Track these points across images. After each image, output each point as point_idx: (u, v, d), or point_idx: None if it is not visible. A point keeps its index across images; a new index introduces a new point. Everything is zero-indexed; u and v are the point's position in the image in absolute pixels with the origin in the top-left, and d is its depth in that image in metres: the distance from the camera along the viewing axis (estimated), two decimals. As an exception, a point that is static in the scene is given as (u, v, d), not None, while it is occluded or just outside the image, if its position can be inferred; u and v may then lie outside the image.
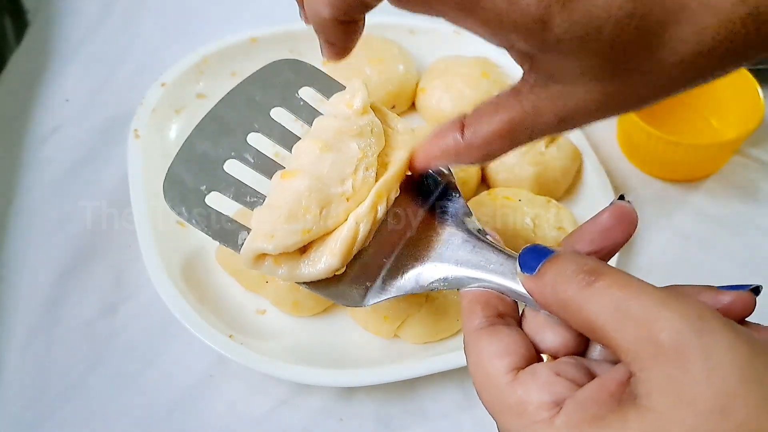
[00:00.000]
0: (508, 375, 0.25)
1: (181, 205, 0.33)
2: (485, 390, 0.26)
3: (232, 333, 0.42)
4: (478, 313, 0.28)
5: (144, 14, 0.65)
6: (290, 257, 0.32)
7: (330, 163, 0.33)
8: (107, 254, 0.49)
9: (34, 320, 0.46)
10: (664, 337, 0.22)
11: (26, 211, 0.51)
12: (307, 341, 0.44)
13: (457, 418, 0.43)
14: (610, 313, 0.23)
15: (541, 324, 0.27)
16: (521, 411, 0.24)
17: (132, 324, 0.46)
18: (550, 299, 0.25)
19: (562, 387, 0.24)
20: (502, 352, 0.26)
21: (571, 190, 0.53)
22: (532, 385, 0.24)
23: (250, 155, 0.35)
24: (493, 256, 0.30)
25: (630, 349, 0.22)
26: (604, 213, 0.28)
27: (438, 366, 0.42)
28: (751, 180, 0.55)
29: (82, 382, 0.43)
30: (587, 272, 0.24)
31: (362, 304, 0.32)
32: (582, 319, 0.24)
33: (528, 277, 0.26)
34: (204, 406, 0.43)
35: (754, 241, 0.51)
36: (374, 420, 0.42)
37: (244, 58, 0.55)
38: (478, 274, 0.29)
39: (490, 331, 0.27)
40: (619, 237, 0.28)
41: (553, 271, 0.25)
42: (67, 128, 0.56)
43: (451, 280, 0.30)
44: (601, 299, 0.23)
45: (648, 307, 0.22)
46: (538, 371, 0.25)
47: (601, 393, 0.23)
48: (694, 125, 0.57)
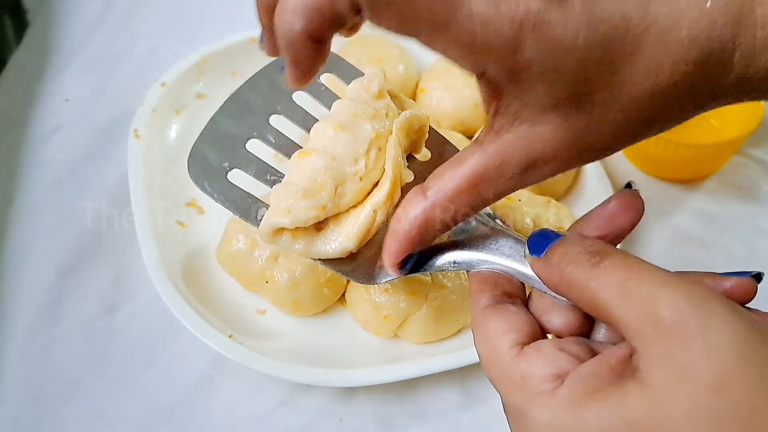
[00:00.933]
0: (513, 350, 0.26)
1: (204, 180, 0.34)
2: (491, 364, 0.26)
3: (232, 333, 0.42)
4: (486, 292, 0.28)
5: (144, 14, 0.65)
6: (307, 233, 0.33)
7: (344, 142, 0.34)
8: (107, 254, 0.49)
9: (34, 320, 0.46)
10: (665, 314, 0.22)
11: (26, 211, 0.51)
12: (307, 341, 0.44)
13: (457, 418, 0.43)
14: (614, 291, 0.23)
15: (547, 305, 0.28)
16: (524, 383, 0.25)
17: (132, 324, 0.46)
18: (557, 279, 0.26)
19: (564, 361, 0.25)
20: (508, 328, 0.26)
21: (571, 190, 0.53)
22: (536, 359, 0.25)
23: (271, 136, 0.36)
24: (503, 239, 0.30)
25: (632, 325, 0.23)
26: (612, 200, 0.28)
27: (438, 366, 0.42)
28: (751, 180, 0.55)
29: (82, 383, 0.43)
30: (592, 253, 0.25)
31: (374, 281, 0.33)
32: (587, 298, 0.25)
33: (536, 259, 0.27)
34: (204, 406, 0.43)
35: (754, 241, 0.51)
36: (374, 420, 0.42)
37: (244, 58, 0.55)
38: (487, 257, 0.30)
39: (497, 308, 0.28)
40: (625, 224, 0.28)
41: (560, 252, 0.26)
42: (67, 128, 0.56)
43: (461, 263, 0.31)
44: (605, 278, 0.24)
45: (651, 285, 0.23)
46: (543, 347, 0.26)
47: (602, 368, 0.24)
48: (694, 125, 0.56)
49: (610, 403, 0.22)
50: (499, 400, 0.43)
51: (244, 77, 0.37)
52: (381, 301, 0.43)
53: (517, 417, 0.25)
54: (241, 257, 0.44)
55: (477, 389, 0.44)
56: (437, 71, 0.55)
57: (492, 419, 0.43)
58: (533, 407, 0.24)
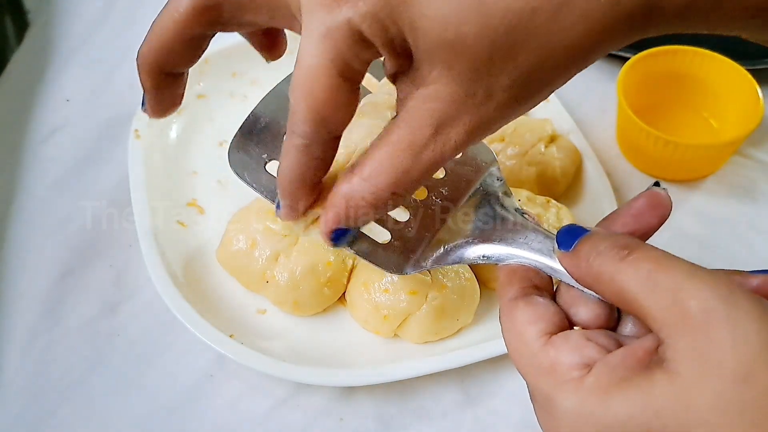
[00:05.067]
0: (541, 339, 0.26)
1: (244, 171, 0.35)
2: (518, 353, 0.27)
3: (233, 332, 0.42)
4: (514, 284, 0.29)
5: (144, 14, 0.65)
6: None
7: (362, 127, 0.35)
8: (108, 254, 0.49)
9: (35, 320, 0.46)
10: (692, 305, 0.22)
11: (27, 211, 0.51)
12: (308, 341, 0.44)
13: (457, 417, 0.43)
14: (642, 283, 0.24)
15: (574, 298, 0.28)
16: (552, 371, 0.25)
17: (132, 323, 0.46)
18: (585, 272, 0.26)
19: (592, 350, 0.25)
20: (536, 318, 0.27)
21: (571, 190, 0.53)
22: (564, 348, 0.25)
23: None
24: (532, 234, 0.31)
25: (659, 317, 0.23)
26: (639, 198, 0.29)
27: (438, 366, 0.42)
28: (751, 180, 0.55)
29: (82, 382, 0.43)
30: (621, 247, 0.25)
31: (403, 272, 0.34)
32: (614, 290, 0.25)
33: (564, 253, 0.27)
34: (204, 406, 0.43)
35: (754, 241, 0.51)
36: (374, 419, 0.43)
37: (244, 58, 0.55)
38: (516, 251, 0.31)
39: (526, 300, 0.28)
40: (652, 222, 0.28)
41: (588, 246, 0.26)
42: (67, 128, 0.56)
43: (491, 257, 0.32)
44: (633, 271, 0.24)
45: (678, 277, 0.23)
46: (570, 336, 0.26)
47: (629, 358, 0.24)
48: (694, 125, 0.57)
49: (637, 391, 0.23)
50: (499, 399, 0.43)
51: (244, 78, 0.37)
52: (381, 301, 0.43)
53: (544, 405, 0.26)
54: (241, 257, 0.45)
55: (477, 389, 0.44)
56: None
57: (492, 419, 0.43)
58: (560, 395, 0.24)
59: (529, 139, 0.51)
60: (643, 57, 0.54)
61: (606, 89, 0.59)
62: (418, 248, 0.35)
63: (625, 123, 0.54)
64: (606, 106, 0.58)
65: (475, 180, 0.36)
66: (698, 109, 0.57)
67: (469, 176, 0.36)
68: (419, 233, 0.35)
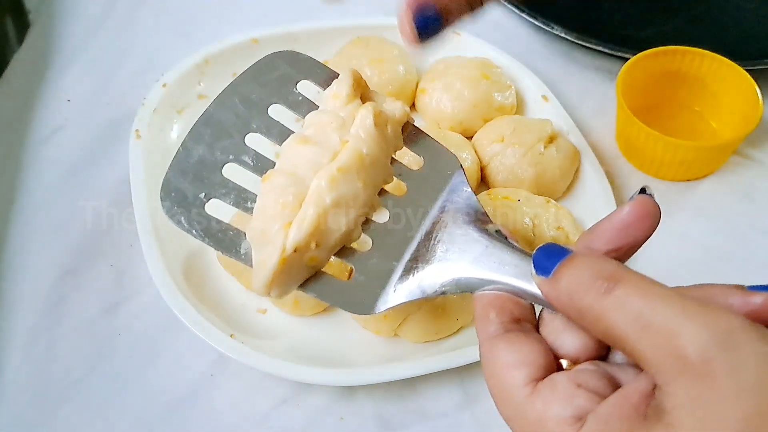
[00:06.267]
0: (527, 387, 0.24)
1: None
2: (503, 403, 0.25)
3: (233, 332, 0.42)
4: (492, 318, 0.27)
5: (145, 14, 0.65)
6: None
7: (306, 155, 0.32)
8: (108, 254, 0.49)
9: (35, 320, 0.46)
10: (689, 351, 0.21)
11: (27, 211, 0.51)
12: (308, 340, 0.44)
13: (457, 417, 0.43)
14: (631, 323, 0.22)
15: (559, 328, 0.26)
16: (540, 425, 0.23)
17: (133, 323, 0.46)
18: (567, 306, 0.24)
19: (583, 400, 0.23)
20: (519, 362, 0.25)
21: (570, 190, 0.53)
22: (552, 399, 0.24)
23: (248, 157, 0.33)
24: (507, 256, 0.28)
25: (654, 361, 0.22)
26: (625, 208, 0.26)
27: (438, 365, 0.42)
28: (750, 180, 0.55)
29: (83, 382, 0.44)
30: (605, 278, 0.23)
31: (373, 311, 0.31)
32: (602, 329, 0.23)
33: (543, 280, 0.25)
34: (205, 405, 0.43)
35: (753, 241, 0.51)
36: (374, 419, 0.43)
37: (245, 58, 0.54)
38: (491, 276, 0.28)
39: (506, 338, 0.26)
40: (639, 235, 0.26)
41: (569, 276, 0.24)
42: (68, 128, 0.56)
43: (463, 283, 0.29)
44: (621, 308, 0.22)
45: (672, 317, 0.21)
46: (558, 383, 0.24)
47: (624, 407, 0.22)
48: (693, 126, 0.57)
49: None
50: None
51: (244, 78, 0.36)
52: (381, 301, 0.43)
53: None
54: (241, 257, 0.45)
55: (477, 389, 0.44)
56: (437, 72, 0.55)
57: (492, 419, 0.43)
58: None
59: (529, 139, 0.51)
60: (643, 57, 0.54)
61: (605, 89, 0.59)
62: (386, 282, 0.31)
63: (624, 123, 0.54)
64: (605, 106, 0.58)
65: (439, 194, 0.33)
66: (698, 109, 0.57)
67: (433, 190, 0.33)
68: (384, 263, 0.32)
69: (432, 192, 0.33)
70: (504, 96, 0.55)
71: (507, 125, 0.52)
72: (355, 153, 0.32)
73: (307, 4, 0.67)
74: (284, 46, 0.57)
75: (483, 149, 0.52)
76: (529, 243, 0.46)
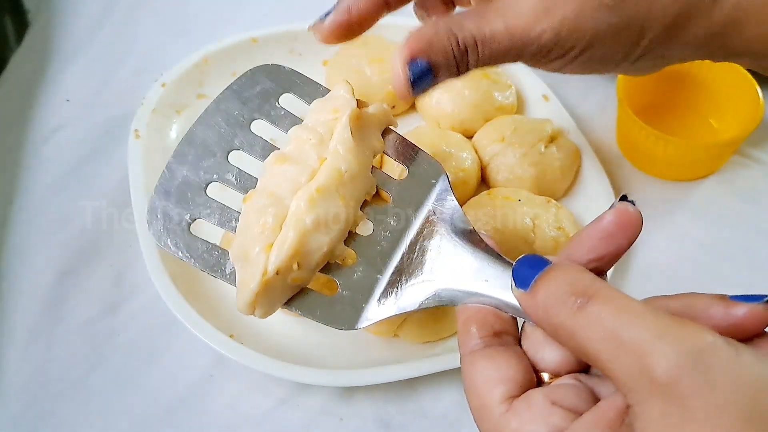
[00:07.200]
0: (503, 405, 0.24)
1: (166, 238, 0.32)
2: (481, 419, 0.25)
3: (233, 332, 0.42)
4: (473, 333, 0.27)
5: (144, 14, 0.65)
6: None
7: (285, 174, 0.32)
8: (108, 254, 0.49)
9: (35, 320, 0.46)
10: (659, 371, 0.20)
11: (27, 211, 0.51)
12: (308, 341, 0.44)
13: (457, 417, 0.43)
14: (603, 341, 0.22)
15: (540, 341, 0.26)
16: None
17: (132, 324, 0.46)
18: (543, 321, 0.24)
19: (558, 418, 0.23)
20: (496, 379, 0.25)
21: (571, 190, 0.53)
22: (528, 417, 0.24)
23: (232, 176, 0.33)
24: (490, 267, 0.28)
25: (625, 381, 0.21)
26: (606, 216, 0.26)
27: (438, 366, 0.42)
28: (751, 180, 0.55)
29: (82, 382, 0.44)
30: (579, 293, 0.23)
31: (355, 326, 0.31)
32: (575, 346, 0.23)
33: (522, 294, 0.25)
34: (204, 406, 0.43)
35: (754, 241, 0.51)
36: (374, 420, 0.43)
37: (244, 58, 0.55)
38: (473, 288, 0.28)
39: (486, 354, 0.26)
40: (622, 243, 0.26)
41: (545, 290, 0.24)
42: (67, 128, 0.56)
43: (445, 297, 0.29)
44: (593, 326, 0.22)
45: (643, 335, 0.21)
46: (533, 400, 0.24)
47: (599, 425, 0.22)
48: (694, 125, 0.57)
49: None
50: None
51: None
52: (381, 301, 0.43)
53: None
54: (241, 257, 0.45)
55: (477, 389, 0.44)
56: (437, 71, 0.55)
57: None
58: None
59: (529, 139, 0.51)
60: (643, 57, 0.54)
61: (606, 89, 0.59)
62: (369, 296, 0.31)
63: (625, 123, 0.54)
64: (606, 106, 0.58)
65: (423, 203, 0.33)
66: (698, 109, 0.57)
67: (416, 199, 0.33)
68: (367, 276, 0.31)
69: (415, 201, 0.33)
70: (504, 95, 0.55)
71: (507, 125, 0.52)
72: (334, 171, 0.32)
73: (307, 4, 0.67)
74: (284, 46, 0.58)
75: (483, 149, 0.52)
76: (529, 243, 0.46)
